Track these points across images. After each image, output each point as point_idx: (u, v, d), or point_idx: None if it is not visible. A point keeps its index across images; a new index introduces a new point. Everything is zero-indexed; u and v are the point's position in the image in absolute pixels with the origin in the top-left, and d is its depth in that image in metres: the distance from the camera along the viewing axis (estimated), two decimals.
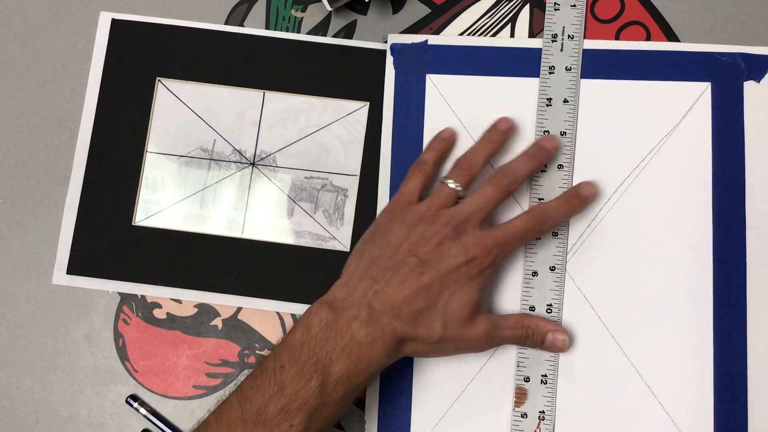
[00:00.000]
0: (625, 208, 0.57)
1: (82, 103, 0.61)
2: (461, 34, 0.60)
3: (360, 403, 0.57)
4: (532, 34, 0.59)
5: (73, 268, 0.59)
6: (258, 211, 0.59)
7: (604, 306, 0.56)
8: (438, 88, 0.59)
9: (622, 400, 0.55)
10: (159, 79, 0.61)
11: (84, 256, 0.59)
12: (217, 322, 0.59)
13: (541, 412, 0.55)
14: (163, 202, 0.60)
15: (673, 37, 0.59)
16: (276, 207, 0.59)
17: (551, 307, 0.56)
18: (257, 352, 0.58)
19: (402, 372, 0.56)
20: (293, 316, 0.58)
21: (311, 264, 0.58)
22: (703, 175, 0.57)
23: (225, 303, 0.59)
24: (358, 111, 0.60)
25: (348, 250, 0.58)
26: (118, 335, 0.59)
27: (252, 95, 0.60)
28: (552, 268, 0.56)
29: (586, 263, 0.56)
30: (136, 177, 0.60)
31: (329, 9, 0.58)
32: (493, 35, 0.60)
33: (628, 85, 0.58)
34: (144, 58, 0.61)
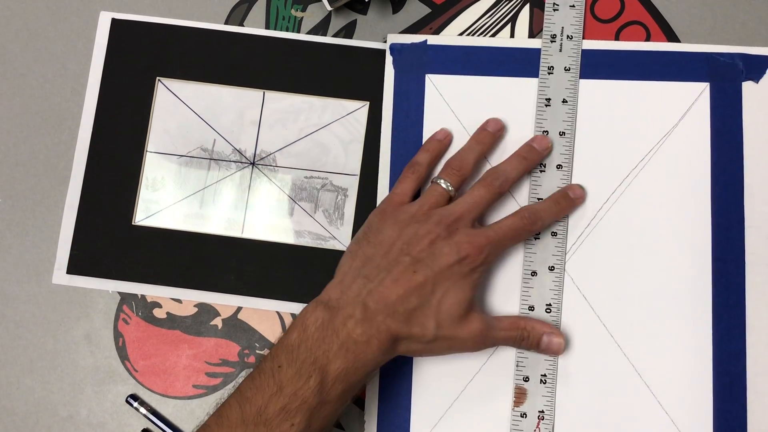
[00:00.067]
0: (624, 208, 0.57)
1: (82, 103, 0.61)
2: (461, 33, 0.60)
3: (360, 403, 0.57)
4: (532, 34, 0.59)
5: (73, 268, 0.59)
6: (258, 210, 0.59)
7: (604, 306, 0.56)
8: (437, 88, 0.59)
9: (622, 400, 0.55)
10: (159, 79, 0.61)
11: (84, 255, 0.59)
12: (217, 322, 0.59)
13: (540, 411, 0.55)
14: (163, 201, 0.60)
15: (673, 37, 0.59)
16: (276, 207, 0.59)
17: (550, 306, 0.56)
18: (257, 351, 0.58)
19: (401, 371, 0.56)
20: (293, 316, 0.58)
21: (311, 264, 0.59)
22: (702, 175, 0.57)
23: (225, 303, 0.59)
24: (358, 111, 0.60)
25: None
26: (118, 335, 0.59)
27: (252, 95, 0.60)
28: (551, 268, 0.56)
29: (585, 263, 0.57)
30: (136, 177, 0.60)
31: (329, 9, 0.58)
32: (493, 35, 0.60)
33: (627, 85, 0.58)
34: (144, 58, 0.61)
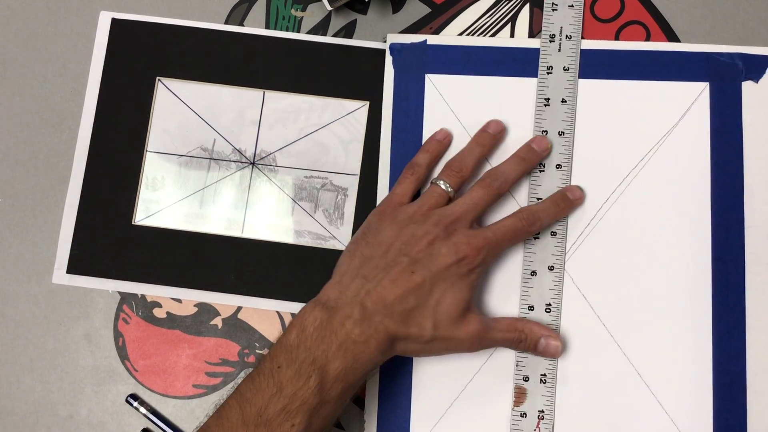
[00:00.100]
0: (624, 208, 0.57)
1: (82, 103, 0.61)
2: (461, 33, 0.60)
3: (360, 402, 0.57)
4: (532, 34, 0.59)
5: (73, 268, 0.59)
6: (258, 210, 0.59)
7: (604, 305, 0.56)
8: (437, 87, 0.59)
9: (621, 400, 0.55)
10: (159, 79, 0.61)
11: (84, 255, 0.59)
12: (217, 322, 0.59)
13: (540, 411, 0.55)
14: (163, 201, 0.60)
15: (673, 37, 0.59)
16: (276, 206, 0.59)
17: (550, 306, 0.56)
18: (257, 351, 0.58)
19: (401, 371, 0.56)
20: (293, 316, 0.58)
21: (311, 263, 0.59)
22: (702, 175, 0.57)
23: (225, 302, 0.59)
24: (358, 110, 0.60)
25: None
26: (118, 334, 0.59)
27: (252, 95, 0.60)
28: (551, 268, 0.56)
29: (585, 263, 0.57)
30: (136, 176, 0.60)
31: (329, 8, 0.58)
32: (493, 35, 0.60)
33: (626, 85, 0.58)
34: (144, 58, 0.61)
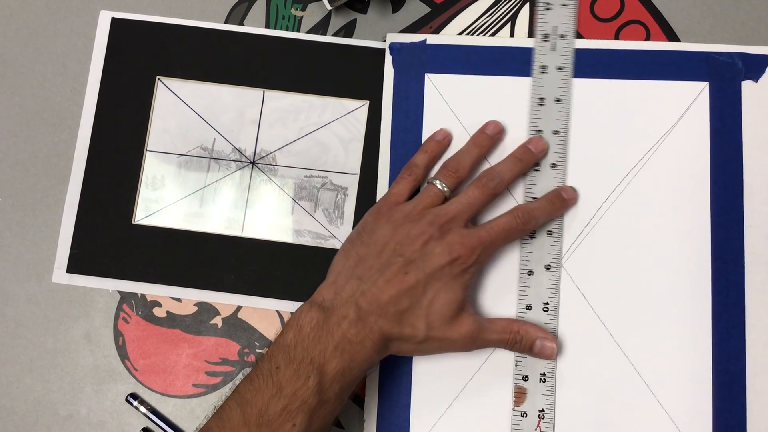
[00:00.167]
0: (623, 207, 0.57)
1: (82, 102, 0.61)
2: (461, 33, 0.60)
3: (359, 401, 0.57)
4: (532, 34, 0.59)
5: (73, 267, 0.59)
6: (258, 209, 0.59)
7: (603, 305, 0.56)
8: (437, 87, 0.59)
9: (621, 399, 0.55)
10: (159, 78, 0.61)
11: (84, 254, 0.59)
12: (216, 321, 0.59)
13: (540, 410, 0.55)
14: (162, 200, 0.60)
15: (672, 36, 0.59)
16: (276, 206, 0.59)
17: (548, 305, 0.56)
18: (257, 350, 0.58)
19: (401, 371, 0.56)
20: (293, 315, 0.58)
21: (311, 263, 0.59)
22: (702, 175, 0.57)
23: (225, 302, 0.59)
24: (358, 110, 0.60)
25: None
26: (118, 334, 0.59)
27: (252, 94, 0.60)
28: (547, 267, 0.56)
29: (584, 262, 0.57)
30: (136, 176, 0.60)
31: (329, 8, 0.58)
32: (493, 34, 0.60)
33: (626, 84, 0.58)
34: (144, 57, 0.61)
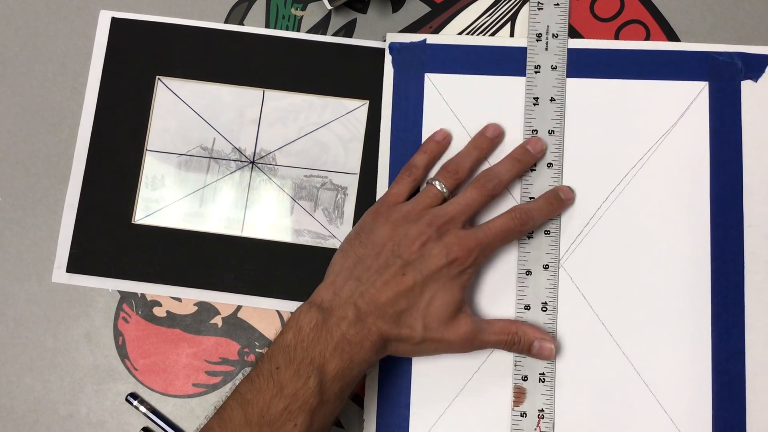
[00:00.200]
0: (623, 207, 0.57)
1: (82, 102, 0.61)
2: (461, 32, 0.60)
3: (359, 401, 0.57)
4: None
5: (72, 267, 0.59)
6: (258, 209, 0.59)
7: (603, 305, 0.56)
8: (436, 87, 0.59)
9: (621, 399, 0.55)
10: (159, 78, 0.61)
11: (84, 254, 0.59)
12: (216, 321, 0.59)
13: (540, 410, 0.55)
14: (162, 200, 0.60)
15: (672, 36, 0.59)
16: (276, 205, 0.59)
17: (546, 305, 0.56)
18: (257, 350, 0.58)
19: (401, 371, 0.56)
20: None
21: (311, 262, 0.59)
22: (701, 174, 0.57)
23: (225, 301, 0.59)
24: (358, 109, 0.60)
25: None
26: (117, 333, 0.59)
27: (252, 94, 0.60)
28: (545, 266, 0.56)
29: (584, 262, 0.57)
30: (135, 175, 0.60)
31: (329, 7, 0.58)
32: (493, 34, 0.60)
33: (625, 84, 0.58)
34: (144, 57, 0.61)
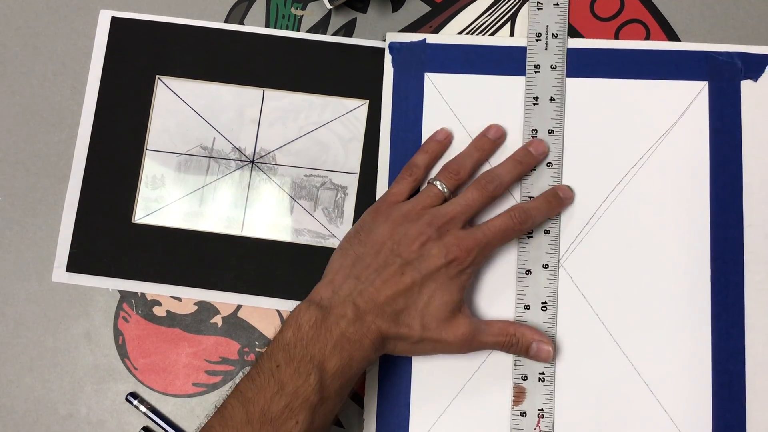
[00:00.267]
0: (622, 207, 0.57)
1: (82, 101, 0.61)
2: (461, 32, 0.60)
3: (359, 401, 0.57)
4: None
5: (72, 266, 0.59)
6: (257, 209, 0.59)
7: (603, 305, 0.56)
8: (436, 86, 0.59)
9: (621, 398, 0.55)
10: (159, 77, 0.61)
11: (84, 253, 0.59)
12: (216, 320, 0.59)
13: (540, 410, 0.55)
14: (162, 199, 0.60)
15: (672, 36, 0.59)
16: (275, 205, 0.59)
17: (546, 304, 0.56)
18: (257, 349, 0.58)
19: (401, 370, 0.56)
20: None
21: (311, 262, 0.59)
22: (701, 174, 0.57)
23: (225, 301, 0.59)
24: (358, 109, 0.60)
25: None
26: (117, 333, 0.59)
27: (252, 93, 0.60)
28: (545, 266, 0.56)
29: (584, 261, 0.57)
30: (135, 175, 0.60)
31: (329, 7, 0.58)
32: (493, 34, 0.60)
33: (625, 84, 0.58)
34: (144, 56, 0.61)
